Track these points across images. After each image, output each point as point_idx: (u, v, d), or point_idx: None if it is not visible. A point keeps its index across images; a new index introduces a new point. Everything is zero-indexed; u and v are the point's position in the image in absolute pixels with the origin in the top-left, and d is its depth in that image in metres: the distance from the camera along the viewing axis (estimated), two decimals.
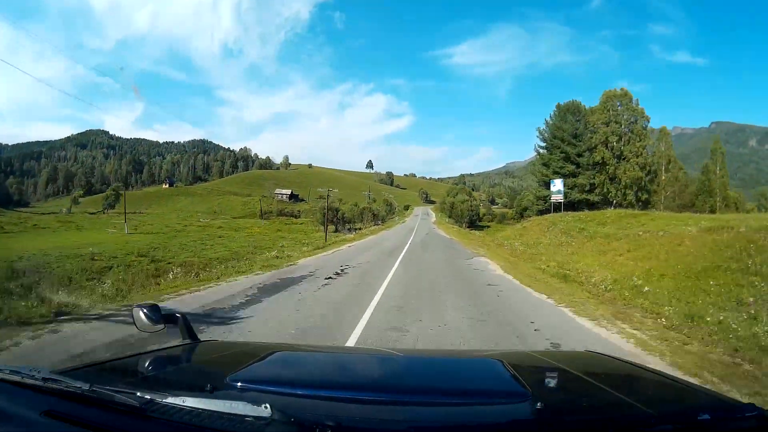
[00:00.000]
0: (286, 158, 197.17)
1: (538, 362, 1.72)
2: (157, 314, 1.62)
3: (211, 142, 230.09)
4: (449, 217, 75.37)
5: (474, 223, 71.36)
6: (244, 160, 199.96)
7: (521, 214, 66.19)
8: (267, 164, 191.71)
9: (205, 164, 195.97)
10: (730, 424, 1.00)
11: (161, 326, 1.63)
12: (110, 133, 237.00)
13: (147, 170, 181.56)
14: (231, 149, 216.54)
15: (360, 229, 49.42)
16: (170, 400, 0.94)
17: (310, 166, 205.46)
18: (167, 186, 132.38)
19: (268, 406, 0.88)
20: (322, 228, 41.23)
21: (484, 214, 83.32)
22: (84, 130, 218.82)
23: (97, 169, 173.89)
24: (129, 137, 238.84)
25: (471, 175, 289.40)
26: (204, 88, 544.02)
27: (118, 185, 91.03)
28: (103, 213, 77.68)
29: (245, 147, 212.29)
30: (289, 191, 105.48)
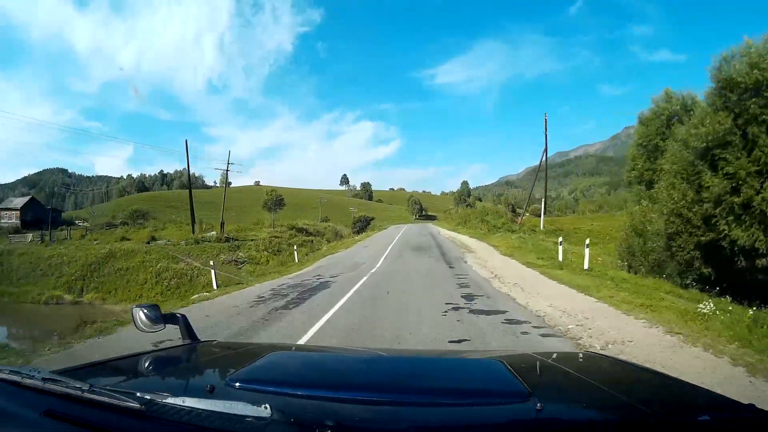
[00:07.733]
0: (224, 175, 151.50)
1: (538, 363, 1.67)
2: (157, 314, 1.61)
3: (183, 173, 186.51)
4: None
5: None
6: (168, 184, 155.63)
7: None
8: (195, 183, 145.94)
9: (120, 190, 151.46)
10: (729, 424, 0.98)
11: (161, 326, 1.62)
12: (69, 171, 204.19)
13: (57, 203, 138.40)
14: (162, 171, 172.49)
15: None
16: (170, 400, 0.93)
17: (257, 183, 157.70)
18: None
19: (267, 406, 0.86)
20: None
21: None
22: (40, 170, 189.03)
23: None
24: (90, 175, 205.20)
25: (474, 188, 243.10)
26: (190, 126, 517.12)
27: None
28: None
29: (181, 169, 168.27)
30: (24, 200, 55.42)
